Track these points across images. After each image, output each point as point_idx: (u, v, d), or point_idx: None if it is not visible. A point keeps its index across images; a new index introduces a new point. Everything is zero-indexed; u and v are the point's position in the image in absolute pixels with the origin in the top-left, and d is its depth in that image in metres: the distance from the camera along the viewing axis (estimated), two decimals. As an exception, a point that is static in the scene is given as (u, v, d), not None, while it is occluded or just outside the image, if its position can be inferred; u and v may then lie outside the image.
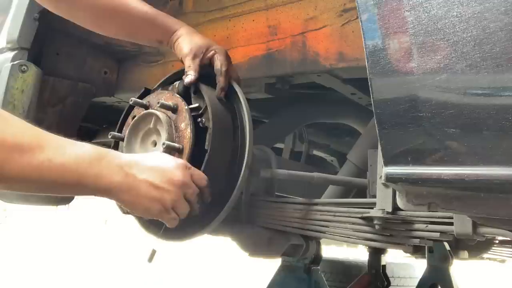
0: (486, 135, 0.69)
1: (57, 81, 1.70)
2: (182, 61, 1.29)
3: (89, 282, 5.47)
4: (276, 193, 1.63)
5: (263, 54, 1.41)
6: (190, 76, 1.25)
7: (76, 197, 1.80)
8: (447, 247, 2.25)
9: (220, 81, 1.27)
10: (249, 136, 1.24)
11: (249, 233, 1.51)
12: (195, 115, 1.24)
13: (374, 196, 1.28)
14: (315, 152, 2.40)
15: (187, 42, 1.28)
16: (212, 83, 1.29)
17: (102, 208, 12.05)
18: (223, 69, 1.27)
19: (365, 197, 1.43)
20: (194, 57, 1.27)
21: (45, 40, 1.65)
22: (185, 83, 1.26)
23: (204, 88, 1.26)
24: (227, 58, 1.30)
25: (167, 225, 1.06)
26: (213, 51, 1.29)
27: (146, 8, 1.31)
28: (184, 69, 1.29)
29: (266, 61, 1.40)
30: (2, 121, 0.82)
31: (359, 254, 3.45)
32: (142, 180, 0.97)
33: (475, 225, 1.09)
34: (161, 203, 0.99)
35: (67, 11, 1.32)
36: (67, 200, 1.77)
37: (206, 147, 1.19)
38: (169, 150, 1.20)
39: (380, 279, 2.30)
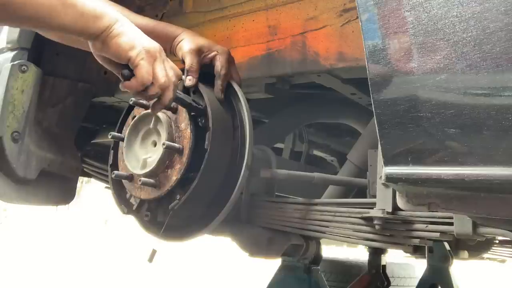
0: (486, 135, 0.69)
1: (57, 81, 1.69)
2: (182, 60, 1.29)
3: (89, 282, 5.47)
4: (276, 193, 1.64)
5: (263, 54, 1.41)
6: (191, 80, 1.25)
7: (76, 196, 1.80)
8: (447, 247, 2.25)
9: (218, 84, 1.27)
10: (249, 136, 1.24)
11: (249, 233, 1.51)
12: (195, 115, 1.24)
13: (374, 196, 1.28)
14: (315, 152, 2.40)
15: (188, 41, 1.28)
16: (212, 82, 1.29)
17: (102, 208, 12.05)
18: (222, 72, 1.26)
19: (365, 197, 1.43)
20: (196, 54, 1.26)
21: (45, 40, 1.64)
22: (186, 86, 1.26)
23: (203, 88, 1.26)
24: (228, 59, 1.29)
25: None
26: (215, 52, 1.28)
27: (145, 21, 1.30)
28: (184, 69, 1.29)
29: (266, 61, 1.40)
30: None
31: (359, 254, 3.45)
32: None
33: (475, 225, 1.09)
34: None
35: (69, 38, 1.24)
36: (67, 200, 1.77)
37: (206, 147, 1.19)
38: (169, 150, 1.20)
39: (380, 279, 2.30)
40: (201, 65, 1.27)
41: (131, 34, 1.03)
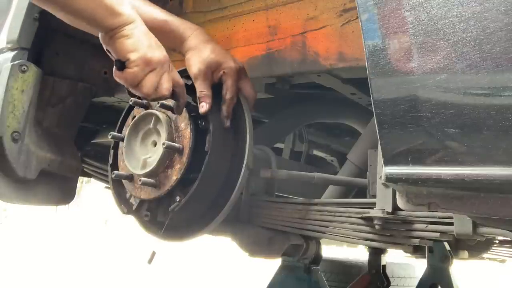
0: (486, 135, 0.69)
1: (57, 81, 1.69)
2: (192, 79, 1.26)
3: (89, 283, 5.47)
4: (276, 193, 1.63)
5: (263, 54, 1.41)
6: (204, 107, 1.21)
7: (76, 196, 1.80)
8: (447, 247, 2.25)
9: (223, 109, 1.24)
10: (249, 136, 1.24)
11: (249, 233, 1.51)
12: (195, 116, 1.24)
13: (374, 196, 1.28)
14: (315, 152, 2.40)
15: (196, 59, 1.24)
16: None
17: (102, 208, 12.06)
18: (227, 97, 1.24)
19: (365, 197, 1.43)
20: (205, 77, 1.23)
21: (45, 40, 1.65)
22: (200, 113, 1.21)
23: None
24: (236, 79, 1.26)
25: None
26: (222, 72, 1.25)
27: (157, 13, 1.25)
28: (184, 69, 1.29)
29: (266, 61, 1.40)
30: None
31: (359, 254, 3.45)
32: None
33: (475, 225, 1.09)
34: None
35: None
36: (67, 200, 1.77)
37: (206, 149, 1.19)
38: (169, 149, 1.20)
39: (380, 279, 2.30)
40: (211, 85, 1.25)
41: (139, 38, 1.04)
